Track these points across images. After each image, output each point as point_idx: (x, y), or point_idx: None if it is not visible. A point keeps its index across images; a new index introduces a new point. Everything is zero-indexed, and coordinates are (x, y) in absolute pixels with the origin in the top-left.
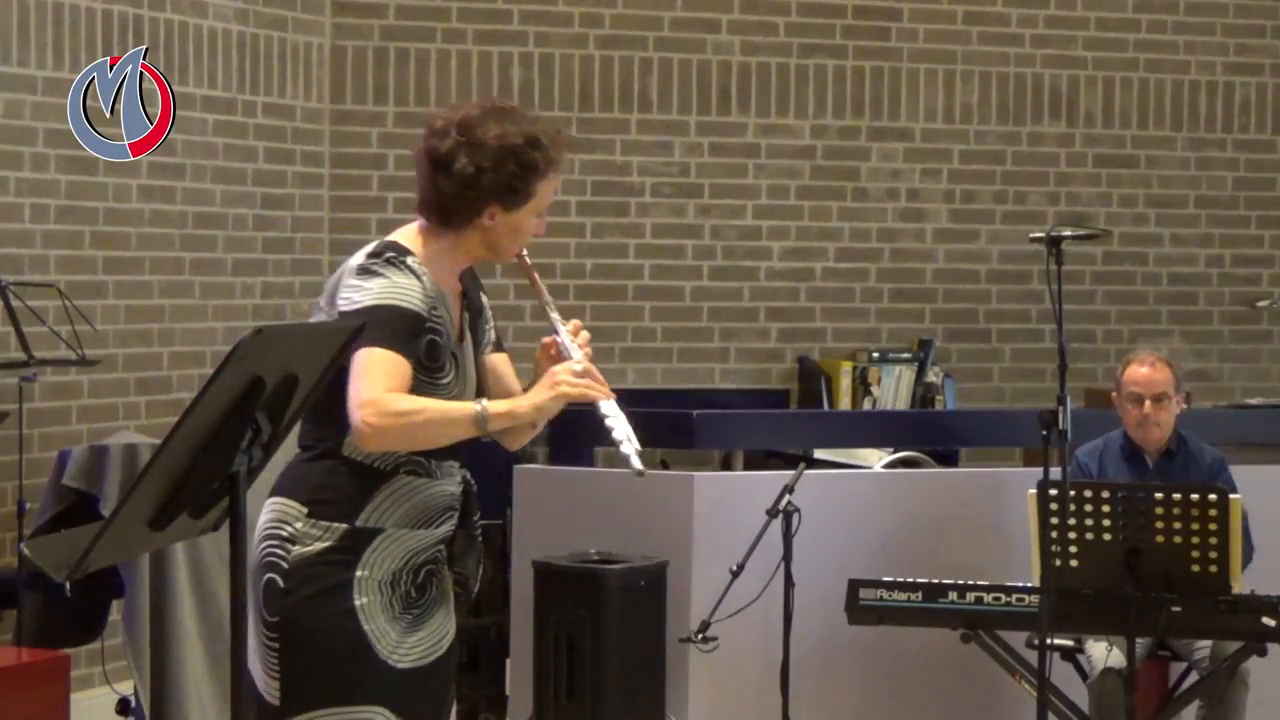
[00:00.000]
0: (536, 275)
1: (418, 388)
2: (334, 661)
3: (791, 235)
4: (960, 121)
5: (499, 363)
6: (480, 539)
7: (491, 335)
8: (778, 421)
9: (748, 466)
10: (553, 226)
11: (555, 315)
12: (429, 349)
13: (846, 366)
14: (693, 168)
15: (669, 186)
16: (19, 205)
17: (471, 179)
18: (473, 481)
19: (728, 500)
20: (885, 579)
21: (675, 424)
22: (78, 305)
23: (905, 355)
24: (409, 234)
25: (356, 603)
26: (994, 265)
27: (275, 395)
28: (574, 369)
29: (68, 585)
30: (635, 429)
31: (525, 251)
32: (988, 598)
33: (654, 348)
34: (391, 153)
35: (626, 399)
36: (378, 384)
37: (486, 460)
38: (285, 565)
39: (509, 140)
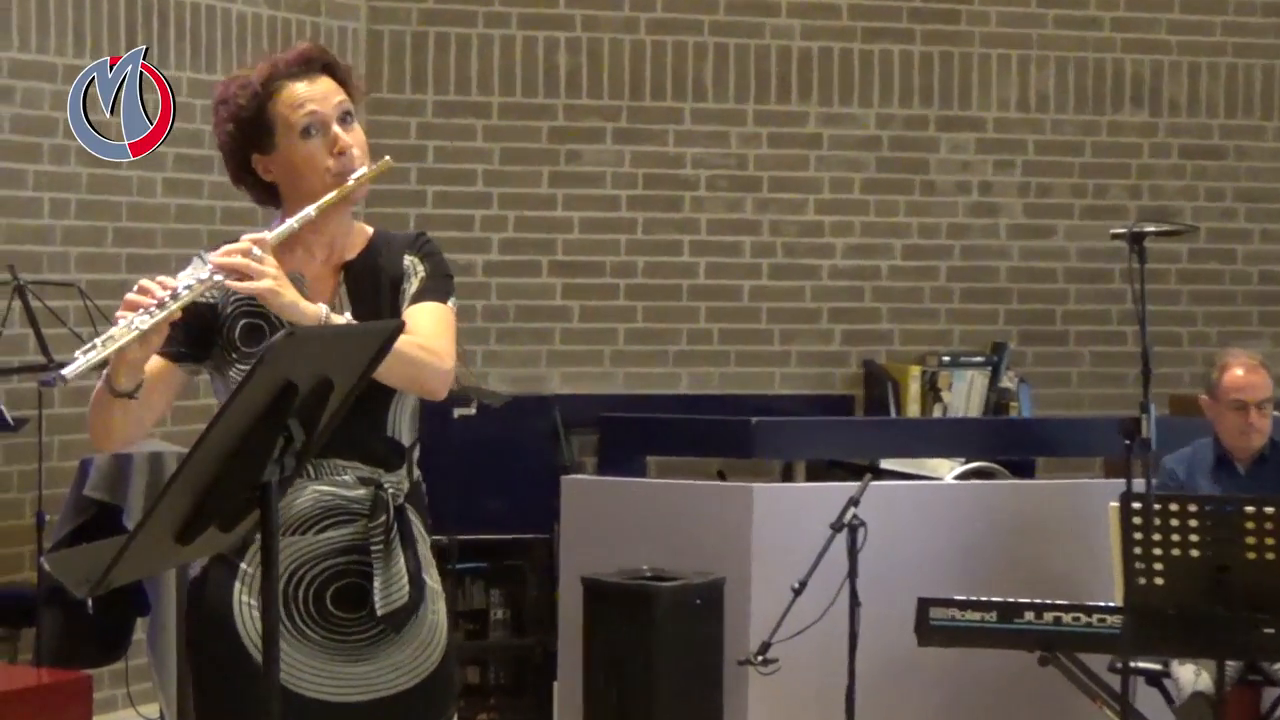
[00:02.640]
0: (337, 195)
1: (227, 370)
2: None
3: (856, 231)
4: (1035, 110)
5: (410, 314)
6: (400, 554)
7: (412, 290)
8: (842, 430)
9: (810, 477)
10: (601, 222)
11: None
12: (244, 332)
13: (915, 371)
14: (750, 160)
15: (725, 180)
16: (38, 200)
17: (220, 143)
18: (386, 483)
19: (788, 513)
20: (957, 598)
21: (733, 432)
22: (100, 306)
23: (977, 359)
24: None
25: (234, 605)
26: (1072, 263)
27: (308, 401)
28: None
29: (89, 602)
30: (689, 436)
31: (347, 180)
32: (1067, 618)
33: (710, 351)
34: (431, 144)
35: (680, 405)
36: None
37: (532, 471)
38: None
39: (222, 94)
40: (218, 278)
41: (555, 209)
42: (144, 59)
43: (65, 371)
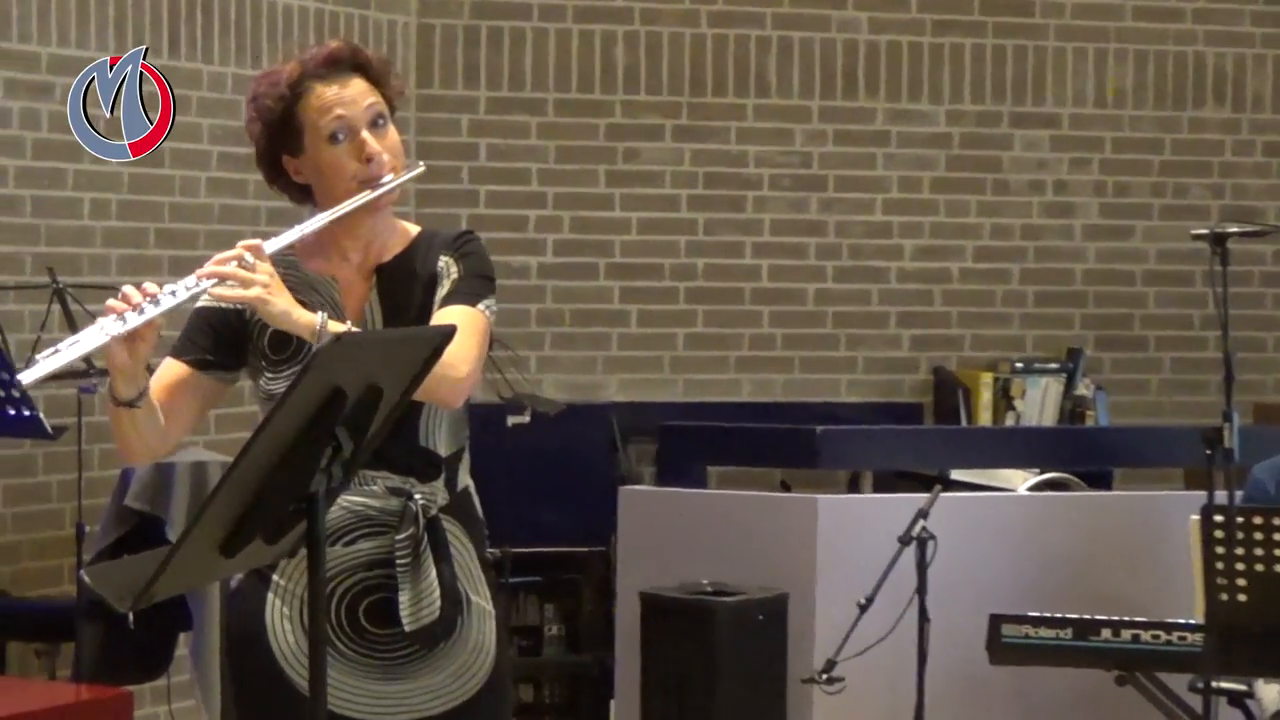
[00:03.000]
0: (356, 202)
1: (259, 379)
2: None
3: (925, 232)
4: (1113, 106)
5: (439, 316)
6: (430, 568)
7: (443, 293)
8: (910, 439)
9: (877, 488)
10: (660, 223)
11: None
12: (272, 338)
13: (987, 378)
14: (815, 158)
15: (789, 179)
16: (78, 200)
17: (255, 142)
18: (417, 494)
19: (855, 526)
20: (1031, 614)
21: (797, 441)
22: None
23: (1052, 365)
24: None
25: (268, 618)
26: (1151, 265)
27: (357, 408)
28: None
29: (130, 616)
30: (752, 446)
31: (380, 180)
32: (1145, 636)
33: (773, 357)
34: (483, 142)
35: (742, 413)
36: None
37: (588, 482)
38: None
39: (252, 93)
40: (205, 284)
41: (612, 209)
42: (187, 54)
43: (22, 376)
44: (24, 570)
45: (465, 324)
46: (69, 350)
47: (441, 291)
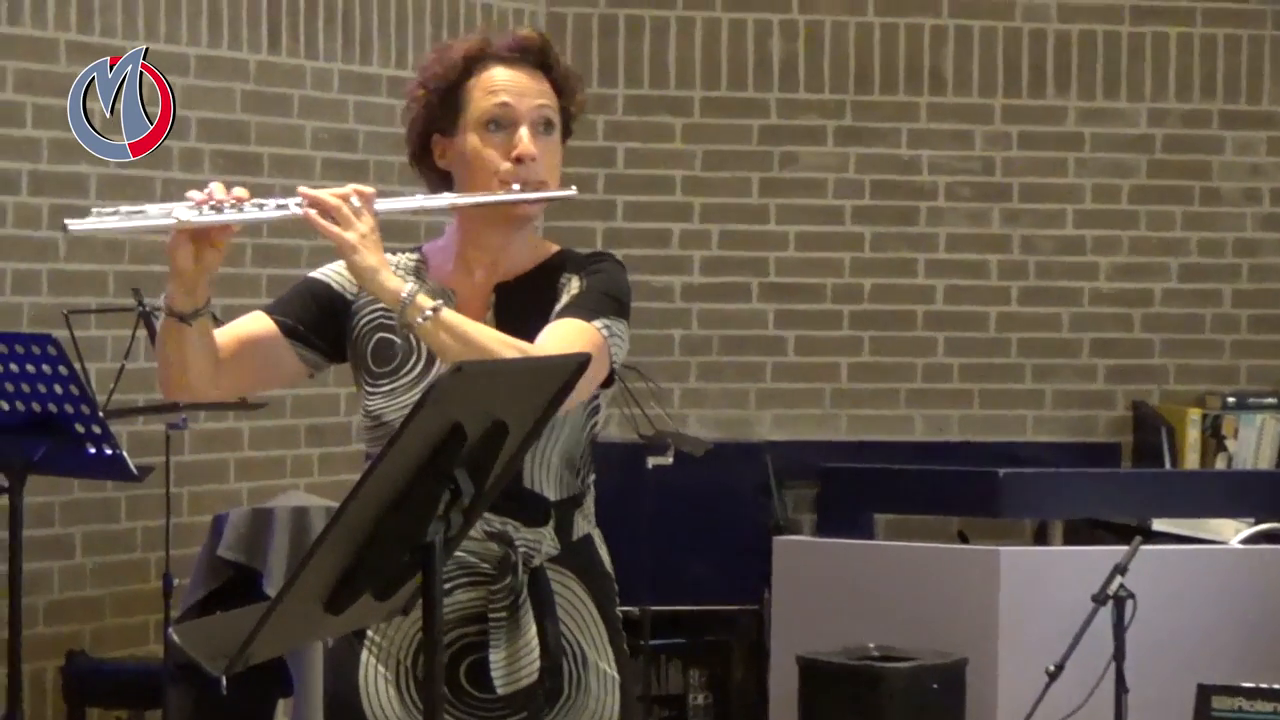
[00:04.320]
0: (483, 195)
1: (373, 395)
2: None
3: (1123, 248)
4: None
5: (544, 330)
6: (530, 624)
7: (557, 308)
8: (1106, 483)
9: (1068, 540)
10: (821, 237)
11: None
12: (376, 347)
13: (1194, 414)
14: (998, 163)
15: (968, 187)
16: None
17: (406, 120)
18: (519, 539)
19: (1042, 582)
20: (1244, 685)
21: (976, 485)
22: None
23: (1269, 400)
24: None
25: (362, 680)
26: None
27: (479, 447)
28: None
29: (224, 680)
30: (924, 491)
31: (518, 188)
32: None
33: (949, 390)
34: (621, 146)
35: (914, 454)
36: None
37: (739, 531)
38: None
39: (425, 62)
40: (298, 209)
41: (767, 222)
42: (289, 49)
43: (69, 221)
44: (106, 628)
45: (573, 337)
46: (129, 217)
47: (557, 307)
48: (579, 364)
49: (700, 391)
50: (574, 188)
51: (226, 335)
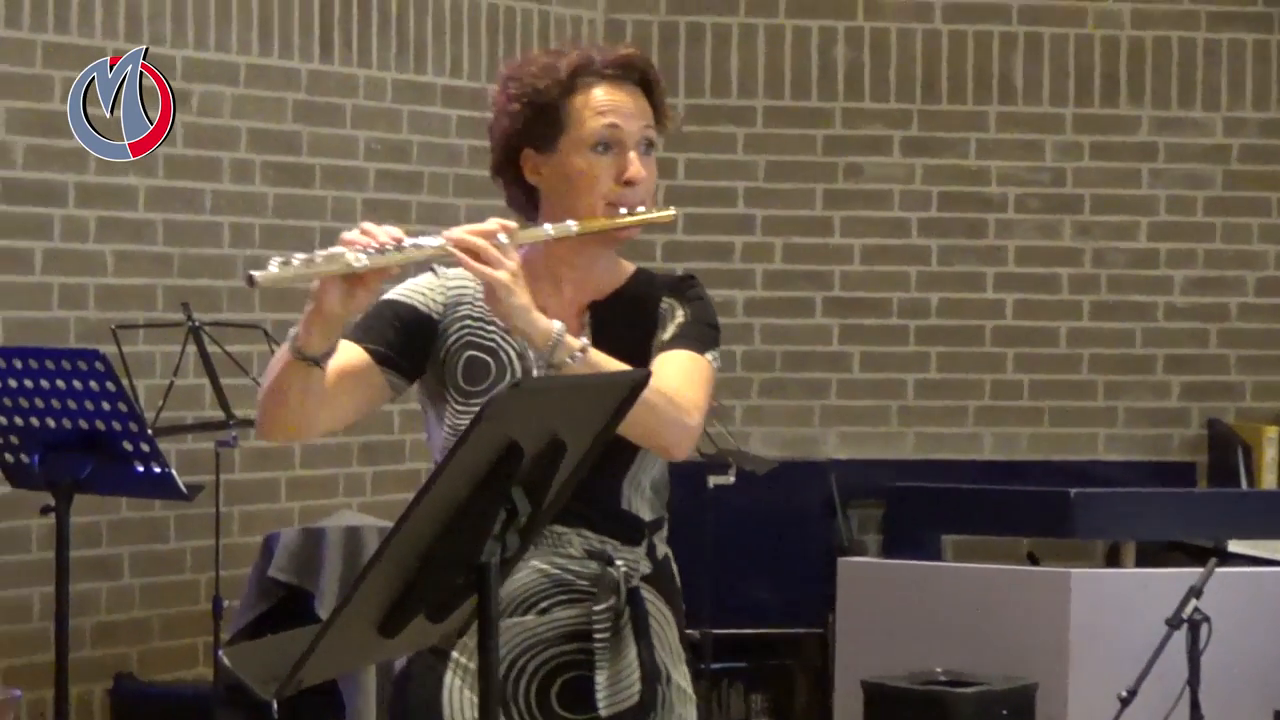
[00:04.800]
0: (606, 225)
1: (443, 408)
2: None
3: (1199, 261)
4: None
5: (658, 363)
6: (631, 644)
7: (664, 337)
8: (1180, 504)
9: (1141, 562)
10: (887, 250)
11: (533, 224)
12: (466, 367)
13: (1271, 433)
14: (1069, 174)
15: (1038, 199)
16: (216, 225)
17: (490, 130)
18: (618, 558)
19: (1115, 605)
20: None
21: (1047, 506)
22: None
23: None
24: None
25: (447, 703)
26: None
27: (536, 466)
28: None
29: (275, 704)
30: (993, 511)
31: (623, 209)
32: None
33: (1019, 407)
34: (682, 157)
35: (983, 473)
36: None
37: (803, 552)
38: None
39: (517, 69)
40: (447, 244)
41: (831, 235)
42: (341, 57)
43: (255, 273)
44: (154, 651)
45: (693, 370)
46: (305, 266)
47: (664, 335)
48: (637, 381)
49: (763, 409)
50: (673, 208)
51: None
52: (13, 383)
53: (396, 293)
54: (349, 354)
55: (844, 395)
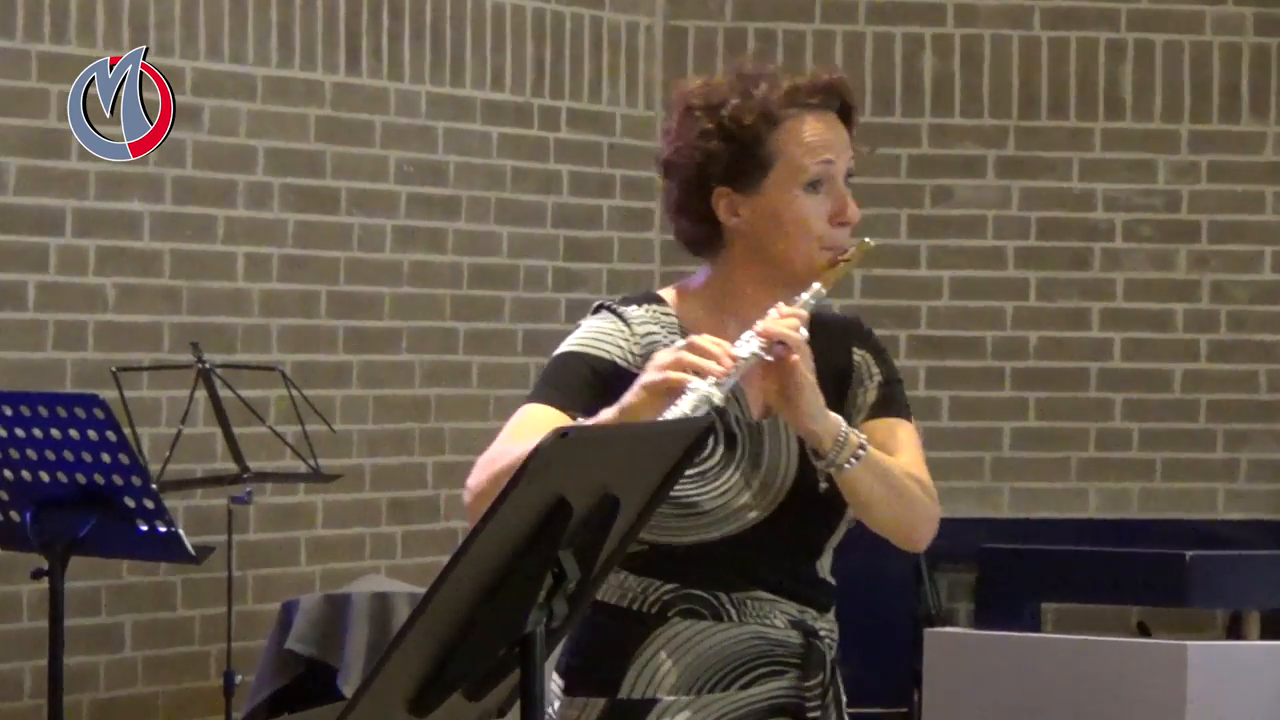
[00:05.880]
0: (837, 278)
1: None
2: None
3: None
4: None
5: (874, 431)
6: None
7: (870, 398)
8: None
9: (1266, 634)
10: (979, 284)
11: (796, 298)
12: None
13: None
14: (1184, 198)
15: (1149, 226)
16: (229, 256)
17: (669, 162)
18: (819, 628)
19: (1237, 682)
20: None
21: (1160, 570)
22: (309, 396)
23: None
24: (681, 282)
25: None
26: None
27: (587, 524)
28: (675, 348)
29: None
30: (1100, 576)
31: (847, 256)
32: None
33: (1128, 460)
34: None
35: (1087, 533)
36: (502, 440)
37: (885, 622)
38: None
39: (707, 98)
40: (762, 352)
41: (917, 266)
42: (370, 69)
43: (709, 392)
44: None
45: (919, 446)
46: (694, 405)
47: (865, 396)
48: (701, 430)
49: None
50: (869, 238)
51: None
52: (2, 432)
53: (589, 344)
54: (553, 423)
55: (931, 446)
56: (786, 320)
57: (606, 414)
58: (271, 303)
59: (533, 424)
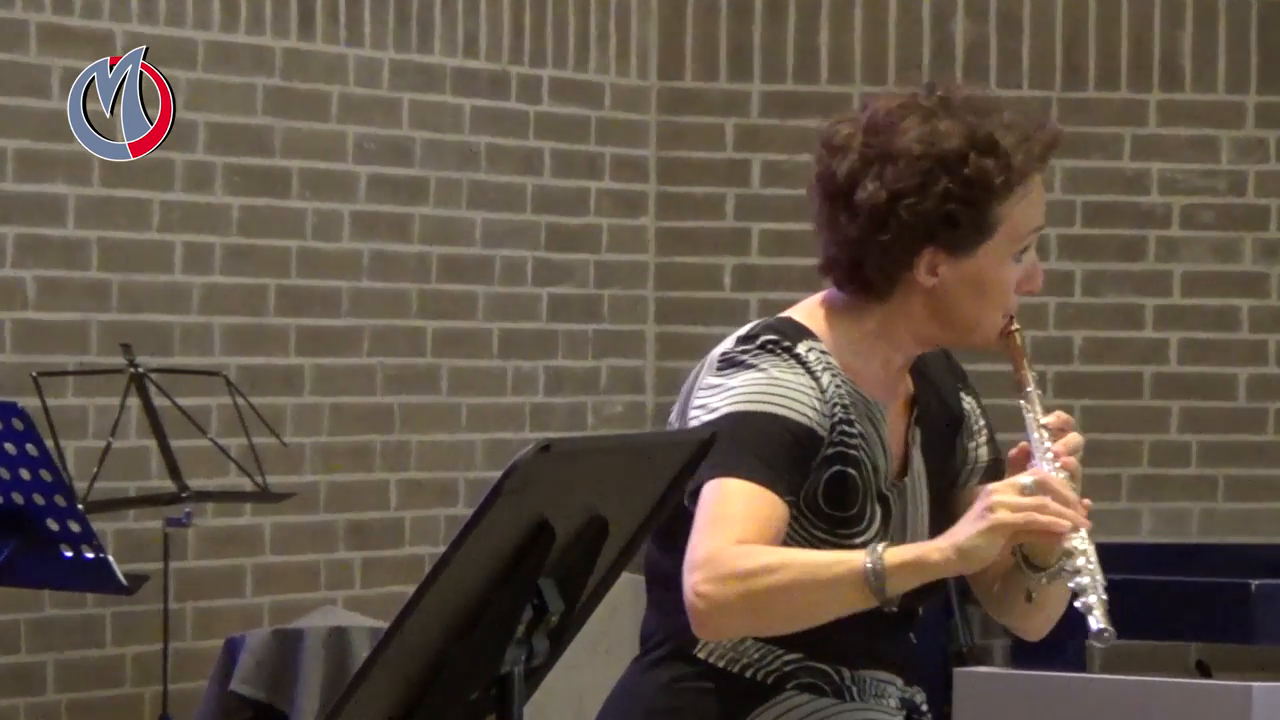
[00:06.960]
0: (1024, 357)
1: (814, 545)
2: None
3: None
4: None
5: None
6: None
7: (983, 455)
8: None
9: None
10: None
11: (1032, 406)
12: (831, 485)
13: None
14: (1249, 180)
15: (1210, 211)
16: (167, 245)
17: (882, 212)
18: (918, 702)
19: None
20: None
21: (1221, 602)
22: (256, 405)
23: None
24: (810, 309)
25: None
26: None
27: (571, 550)
28: (1021, 484)
29: None
30: (1153, 608)
31: (1015, 324)
32: None
33: (1186, 476)
34: (757, 159)
35: (1139, 559)
36: (723, 534)
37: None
38: None
39: (938, 144)
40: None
41: None
42: (325, 34)
43: (1099, 626)
44: None
45: None
46: (1089, 572)
47: (978, 452)
48: (702, 443)
49: None
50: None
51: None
52: None
53: (780, 403)
54: (777, 513)
55: None
56: (1073, 446)
57: (935, 546)
58: (213, 299)
59: (758, 517)
